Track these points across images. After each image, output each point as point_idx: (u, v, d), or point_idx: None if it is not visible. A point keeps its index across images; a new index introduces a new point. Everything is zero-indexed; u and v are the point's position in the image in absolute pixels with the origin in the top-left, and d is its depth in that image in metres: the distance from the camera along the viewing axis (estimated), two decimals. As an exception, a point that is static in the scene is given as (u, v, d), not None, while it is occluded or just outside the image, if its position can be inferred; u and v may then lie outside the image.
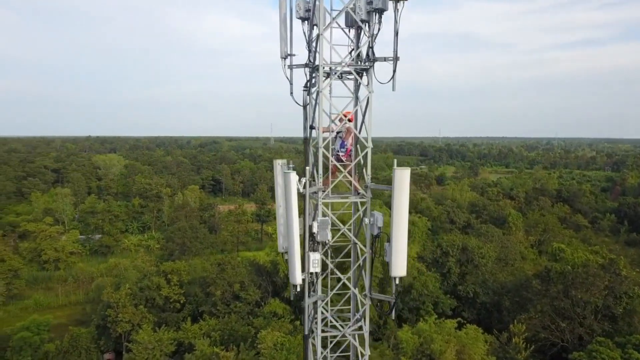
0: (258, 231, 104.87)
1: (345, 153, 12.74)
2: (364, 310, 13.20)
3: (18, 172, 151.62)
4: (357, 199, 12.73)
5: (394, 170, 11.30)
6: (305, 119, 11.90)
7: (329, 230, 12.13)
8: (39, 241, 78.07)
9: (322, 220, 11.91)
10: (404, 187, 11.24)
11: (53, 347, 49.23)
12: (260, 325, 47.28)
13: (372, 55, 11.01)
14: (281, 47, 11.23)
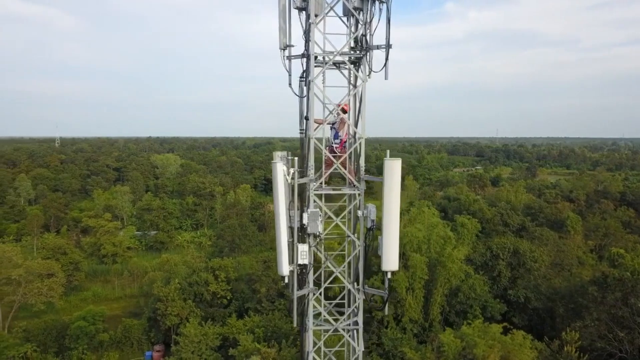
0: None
1: (339, 144, 12.49)
2: (358, 305, 12.88)
3: (83, 171, 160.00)
4: (350, 191, 12.43)
5: (384, 160, 10.97)
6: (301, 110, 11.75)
7: (319, 222, 11.91)
8: (98, 236, 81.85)
9: (312, 211, 11.75)
10: (395, 178, 10.89)
11: (107, 337, 51.56)
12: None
13: (366, 44, 10.73)
14: (280, 38, 11.16)
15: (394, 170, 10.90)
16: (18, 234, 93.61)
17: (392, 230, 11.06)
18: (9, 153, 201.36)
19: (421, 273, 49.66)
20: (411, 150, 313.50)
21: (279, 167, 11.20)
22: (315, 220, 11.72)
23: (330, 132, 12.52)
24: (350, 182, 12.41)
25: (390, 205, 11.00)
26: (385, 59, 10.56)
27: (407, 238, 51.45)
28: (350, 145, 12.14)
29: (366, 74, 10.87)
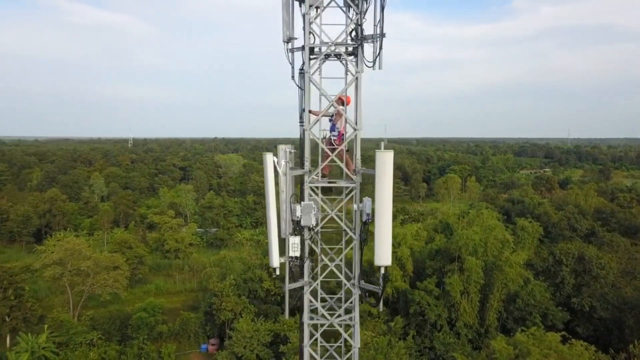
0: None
1: (337, 137, 12.21)
2: (354, 300, 12.55)
3: (151, 170, 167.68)
4: (346, 184, 12.11)
5: (375, 153, 10.60)
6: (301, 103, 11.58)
7: (312, 215, 11.69)
8: (162, 232, 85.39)
9: (305, 204, 11.57)
10: (387, 171, 10.49)
11: (166, 329, 53.69)
12: (354, 323, 47.31)
13: (360, 34, 10.41)
14: (283, 30, 11.07)
15: (385, 163, 10.56)
16: (91, 229, 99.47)
17: (384, 224, 10.71)
18: (86, 153, 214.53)
19: (477, 277, 48.09)
20: (476, 151, 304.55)
21: (269, 158, 11.23)
22: (308, 212, 11.59)
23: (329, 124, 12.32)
24: (347, 175, 12.17)
25: (382, 198, 10.66)
26: (379, 48, 10.24)
27: (463, 240, 50.01)
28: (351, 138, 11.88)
29: (362, 65, 10.61)
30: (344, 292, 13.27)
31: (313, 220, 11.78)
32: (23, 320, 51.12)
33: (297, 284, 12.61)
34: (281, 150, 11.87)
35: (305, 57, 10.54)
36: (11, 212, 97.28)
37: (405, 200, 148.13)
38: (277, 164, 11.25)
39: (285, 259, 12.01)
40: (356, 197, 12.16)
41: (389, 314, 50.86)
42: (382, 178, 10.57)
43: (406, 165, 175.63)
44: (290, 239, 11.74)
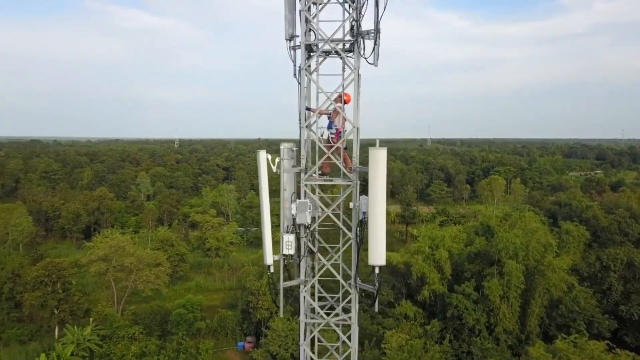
0: (403, 232, 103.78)
1: (335, 134, 12.00)
2: (351, 300, 12.31)
3: (195, 170, 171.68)
4: (343, 182, 11.88)
5: (369, 150, 10.34)
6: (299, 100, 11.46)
7: (308, 213, 11.55)
8: (204, 231, 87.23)
9: (301, 202, 11.46)
10: (380, 168, 10.23)
11: (204, 325, 54.76)
12: (389, 325, 46.89)
13: (357, 30, 10.16)
14: (286, 28, 11.00)
15: (379, 160, 10.34)
16: (137, 227, 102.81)
17: (378, 223, 10.45)
18: (134, 153, 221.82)
19: (517, 281, 46.70)
20: (522, 152, 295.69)
21: (262, 156, 11.23)
22: (303, 211, 11.49)
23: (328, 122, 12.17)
24: (344, 173, 12.00)
25: (375, 196, 10.41)
26: (374, 44, 10.01)
27: (503, 244, 48.66)
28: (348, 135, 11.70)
29: (358, 61, 10.41)
30: (342, 291, 13.14)
31: (308, 218, 11.71)
32: (70, 313, 53.28)
33: (292, 282, 12.58)
34: (283, 149, 11.88)
35: (301, 54, 10.51)
36: (63, 209, 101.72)
37: (447, 202, 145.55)
38: (270, 162, 11.29)
39: (280, 256, 12.03)
40: (353, 195, 12.00)
41: (426, 317, 50.13)
42: (376, 176, 10.38)
43: (449, 167, 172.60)
44: (285, 236, 11.77)
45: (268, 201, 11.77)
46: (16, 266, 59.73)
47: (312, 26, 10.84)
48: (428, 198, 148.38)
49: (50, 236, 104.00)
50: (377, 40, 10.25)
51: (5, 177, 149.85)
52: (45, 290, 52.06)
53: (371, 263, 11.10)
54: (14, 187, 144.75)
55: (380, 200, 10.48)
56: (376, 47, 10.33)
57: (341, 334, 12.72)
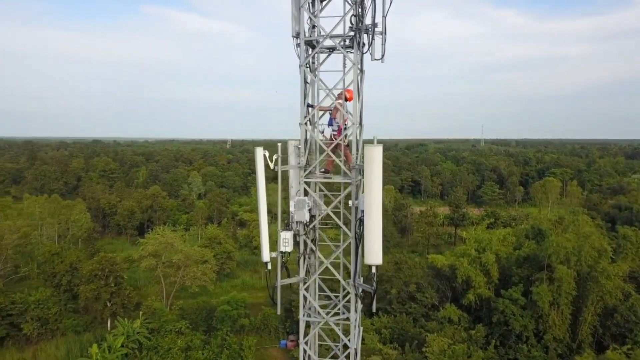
0: (451, 234, 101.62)
1: (337, 132, 11.73)
2: (350, 299, 12.00)
3: (245, 169, 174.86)
4: (343, 180, 11.61)
5: (365, 147, 10.06)
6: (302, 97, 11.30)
7: (306, 211, 11.36)
8: (251, 229, 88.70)
9: (299, 199, 11.30)
10: (376, 167, 9.93)
11: (247, 322, 55.66)
12: (432, 329, 46.06)
13: (356, 25, 9.86)
14: (292, 25, 10.89)
15: (374, 158, 10.06)
16: (187, 224, 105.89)
17: (374, 221, 10.17)
18: (187, 153, 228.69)
19: (568, 287, 44.75)
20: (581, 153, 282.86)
21: (259, 153, 11.20)
22: (301, 208, 11.37)
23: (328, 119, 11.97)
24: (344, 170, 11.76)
25: (371, 195, 10.14)
26: (371, 39, 9.73)
27: (553, 248, 46.74)
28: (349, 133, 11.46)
29: (357, 56, 10.16)
30: (342, 290, 12.97)
31: (307, 216, 11.64)
32: (122, 306, 55.53)
33: (291, 280, 12.54)
34: (290, 146, 11.87)
35: (301, 50, 10.42)
36: (119, 207, 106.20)
37: (499, 204, 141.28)
38: (268, 159, 11.30)
39: (277, 253, 12.01)
40: (353, 193, 11.81)
41: (471, 322, 48.88)
42: (371, 174, 10.17)
43: (502, 168, 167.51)
44: (282, 234, 11.75)
45: (265, 198, 11.84)
46: (74, 260, 62.77)
47: (315, 22, 10.77)
48: (479, 200, 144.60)
49: (107, 232, 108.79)
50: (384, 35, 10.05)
51: (68, 176, 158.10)
52: (98, 283, 54.50)
53: (367, 262, 10.93)
54: (76, 185, 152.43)
55: (376, 198, 10.30)
56: (374, 42, 10.14)
57: (341, 334, 12.58)
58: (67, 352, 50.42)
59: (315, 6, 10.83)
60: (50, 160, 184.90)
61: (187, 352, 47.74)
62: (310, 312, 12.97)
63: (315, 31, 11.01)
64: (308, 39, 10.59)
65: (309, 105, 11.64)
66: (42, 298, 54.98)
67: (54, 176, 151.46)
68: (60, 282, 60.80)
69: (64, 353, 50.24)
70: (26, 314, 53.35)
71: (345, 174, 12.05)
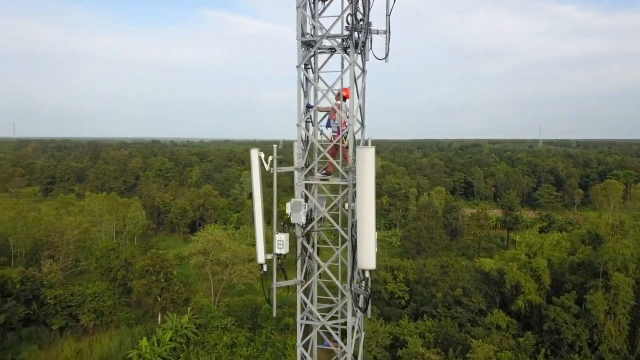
0: (504, 238, 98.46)
1: (336, 133, 11.38)
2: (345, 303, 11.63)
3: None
4: (340, 182, 11.25)
5: (357, 149, 9.70)
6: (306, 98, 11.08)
7: (302, 213, 11.11)
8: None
9: (295, 201, 11.09)
10: (368, 169, 9.58)
11: (292, 321, 56.04)
12: (478, 334, 44.77)
13: (352, 24, 9.52)
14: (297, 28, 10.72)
15: (366, 160, 9.72)
16: (238, 223, 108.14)
17: (367, 225, 9.81)
18: (240, 153, 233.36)
19: (626, 296, 42.35)
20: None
21: (254, 154, 11.12)
22: (298, 210, 11.18)
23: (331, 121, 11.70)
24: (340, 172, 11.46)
25: (363, 197, 9.79)
26: (365, 37, 9.39)
27: (609, 254, 44.36)
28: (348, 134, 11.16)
29: (353, 56, 9.87)
30: (340, 294, 12.70)
31: (302, 218, 11.50)
32: (171, 301, 57.37)
33: (288, 282, 12.42)
34: (296, 148, 11.79)
35: (298, 50, 10.28)
36: (172, 205, 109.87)
37: (556, 207, 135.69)
38: (263, 160, 11.24)
39: (273, 255, 11.93)
40: (349, 196, 11.56)
41: (520, 329, 47.14)
42: (363, 176, 9.88)
43: (559, 169, 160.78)
44: (277, 235, 11.67)
45: (260, 200, 11.85)
46: (128, 255, 65.49)
47: (314, 23, 10.64)
48: (534, 203, 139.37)
49: (161, 229, 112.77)
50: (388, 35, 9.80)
51: (127, 174, 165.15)
52: (150, 278, 56.55)
53: (360, 267, 10.68)
54: (134, 183, 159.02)
55: (369, 200, 10.05)
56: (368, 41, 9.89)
57: (337, 338, 12.39)
58: (120, 343, 52.61)
59: (317, 6, 10.73)
60: (111, 159, 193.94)
61: (232, 349, 48.68)
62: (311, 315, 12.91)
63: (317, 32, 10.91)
64: (305, 40, 10.52)
65: (309, 105, 11.56)
66: (98, 291, 57.72)
67: (113, 175, 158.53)
68: (116, 276, 63.57)
69: (117, 344, 52.46)
70: (83, 305, 56.18)
71: (343, 176, 11.91)
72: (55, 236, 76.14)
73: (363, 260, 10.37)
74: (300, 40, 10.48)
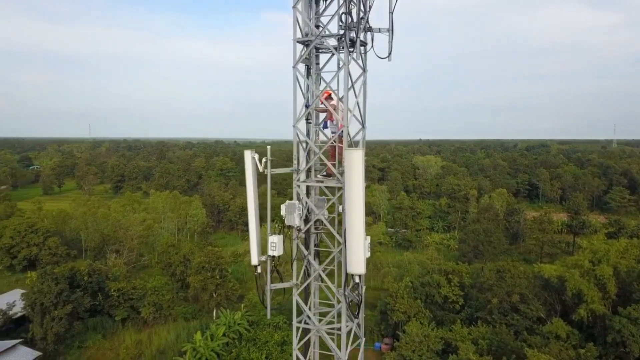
0: (569, 243, 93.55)
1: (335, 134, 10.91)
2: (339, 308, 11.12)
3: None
4: (335, 184, 10.77)
5: (344, 151, 9.23)
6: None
7: (296, 215, 10.72)
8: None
9: (289, 203, 10.74)
10: (355, 171, 9.16)
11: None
12: (535, 344, 42.78)
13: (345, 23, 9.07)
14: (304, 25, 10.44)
15: (353, 162, 9.28)
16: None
17: (355, 228, 9.34)
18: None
19: None
20: None
21: (248, 155, 10.94)
22: (292, 212, 10.88)
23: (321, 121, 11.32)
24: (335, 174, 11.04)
25: (351, 199, 9.35)
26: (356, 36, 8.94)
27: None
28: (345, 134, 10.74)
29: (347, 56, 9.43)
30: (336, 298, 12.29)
31: (297, 220, 11.24)
32: (225, 298, 58.88)
33: (284, 285, 12.18)
34: (301, 148, 11.60)
35: (293, 50, 10.05)
36: (231, 203, 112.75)
37: (629, 211, 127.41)
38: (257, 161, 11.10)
39: (267, 257, 11.76)
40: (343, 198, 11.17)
41: (581, 340, 44.63)
42: (351, 178, 9.50)
43: (634, 172, 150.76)
44: (270, 237, 11.48)
45: (254, 201, 11.76)
46: (187, 252, 67.89)
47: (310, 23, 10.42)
48: (605, 207, 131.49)
49: (221, 227, 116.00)
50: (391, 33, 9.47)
51: (191, 174, 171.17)
52: (205, 275, 58.32)
53: (349, 271, 10.32)
54: (197, 182, 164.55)
55: (357, 203, 9.71)
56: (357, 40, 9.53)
57: (332, 344, 12.07)
58: (177, 336, 54.60)
59: (319, 5, 10.54)
60: (176, 159, 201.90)
61: (283, 347, 49.25)
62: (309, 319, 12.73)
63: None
64: (301, 39, 10.36)
65: (307, 105, 11.39)
66: (158, 285, 60.15)
67: (177, 174, 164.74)
68: (175, 271, 66.09)
69: (173, 337, 54.49)
70: (144, 299, 58.74)
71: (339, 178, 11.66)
72: (120, 232, 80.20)
73: (352, 265, 10.07)
74: (295, 40, 10.39)
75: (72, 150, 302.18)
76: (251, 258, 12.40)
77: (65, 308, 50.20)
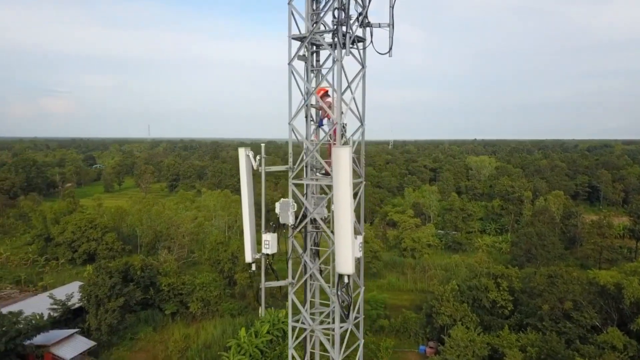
0: (632, 249, 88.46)
1: (334, 132, 10.47)
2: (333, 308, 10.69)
3: (402, 170, 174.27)
4: (329, 182, 10.35)
5: (332, 149, 8.86)
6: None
7: (290, 213, 10.40)
8: (401, 230, 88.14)
9: (283, 201, 10.45)
10: (343, 168, 8.77)
11: (387, 323, 55.53)
12: (589, 353, 40.76)
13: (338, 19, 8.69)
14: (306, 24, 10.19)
15: (341, 160, 8.87)
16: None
17: (343, 227, 8.93)
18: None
19: None
20: None
21: (242, 153, 10.76)
22: (286, 210, 10.60)
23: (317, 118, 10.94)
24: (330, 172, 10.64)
25: (338, 197, 8.94)
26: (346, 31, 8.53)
27: None
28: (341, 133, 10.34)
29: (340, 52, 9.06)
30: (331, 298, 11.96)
31: (291, 219, 11.02)
32: (270, 295, 59.56)
33: (279, 283, 12.01)
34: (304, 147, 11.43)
35: (289, 47, 9.82)
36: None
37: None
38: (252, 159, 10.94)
39: (261, 255, 11.59)
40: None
41: (641, 351, 42.14)
42: (338, 176, 9.15)
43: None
44: (264, 236, 11.29)
45: (249, 199, 11.67)
46: (235, 249, 69.17)
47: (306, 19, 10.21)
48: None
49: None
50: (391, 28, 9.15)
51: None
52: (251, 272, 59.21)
53: (337, 271, 10.04)
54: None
55: (345, 201, 9.40)
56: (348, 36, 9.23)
57: (326, 343, 11.79)
58: (223, 332, 55.75)
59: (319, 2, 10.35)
60: (229, 159, 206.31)
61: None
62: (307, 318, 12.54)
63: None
64: (296, 36, 10.18)
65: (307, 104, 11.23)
66: (206, 282, 61.65)
67: (229, 173, 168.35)
68: (223, 268, 67.51)
69: (219, 332, 55.68)
70: (193, 294, 60.40)
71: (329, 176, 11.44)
72: (172, 228, 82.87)
73: (340, 264, 9.83)
74: (290, 36, 10.25)
75: (132, 150, 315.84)
76: (245, 255, 12.47)
77: (118, 301, 52.38)
